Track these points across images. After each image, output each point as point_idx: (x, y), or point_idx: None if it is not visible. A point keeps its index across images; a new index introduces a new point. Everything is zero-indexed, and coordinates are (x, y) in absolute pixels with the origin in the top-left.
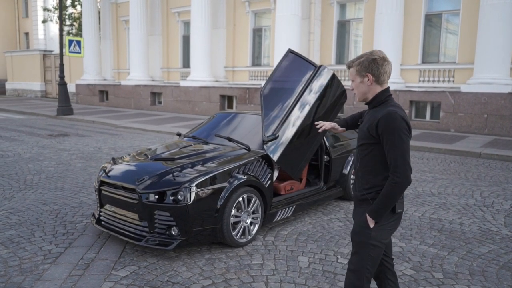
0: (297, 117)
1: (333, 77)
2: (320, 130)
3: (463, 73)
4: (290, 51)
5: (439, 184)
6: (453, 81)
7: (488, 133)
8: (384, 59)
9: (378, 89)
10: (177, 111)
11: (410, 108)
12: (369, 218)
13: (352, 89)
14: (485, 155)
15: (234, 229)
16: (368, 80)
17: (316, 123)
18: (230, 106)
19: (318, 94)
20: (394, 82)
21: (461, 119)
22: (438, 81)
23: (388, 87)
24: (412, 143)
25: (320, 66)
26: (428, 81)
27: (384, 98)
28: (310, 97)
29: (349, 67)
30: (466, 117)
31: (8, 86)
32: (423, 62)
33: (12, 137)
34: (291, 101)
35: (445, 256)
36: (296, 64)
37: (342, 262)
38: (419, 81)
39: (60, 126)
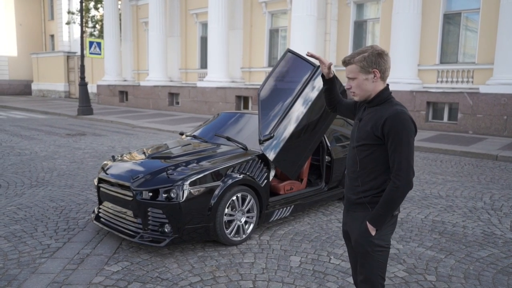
0: (295, 116)
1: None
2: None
3: (482, 74)
4: (288, 51)
5: (449, 186)
6: (472, 81)
7: (507, 135)
8: (387, 54)
9: (381, 86)
10: (194, 112)
11: (427, 109)
12: (370, 226)
13: (349, 88)
14: (502, 158)
15: (228, 227)
16: (375, 76)
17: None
18: (246, 106)
19: (317, 93)
20: (411, 82)
21: (479, 121)
22: (457, 81)
23: (388, 84)
24: (426, 144)
25: (319, 66)
26: (446, 81)
27: (386, 96)
28: (309, 97)
29: (347, 63)
30: (484, 119)
31: (33, 86)
32: (441, 62)
33: (32, 136)
34: (289, 100)
35: (441, 259)
36: (295, 64)
37: (334, 263)
38: (437, 81)
39: (79, 126)
